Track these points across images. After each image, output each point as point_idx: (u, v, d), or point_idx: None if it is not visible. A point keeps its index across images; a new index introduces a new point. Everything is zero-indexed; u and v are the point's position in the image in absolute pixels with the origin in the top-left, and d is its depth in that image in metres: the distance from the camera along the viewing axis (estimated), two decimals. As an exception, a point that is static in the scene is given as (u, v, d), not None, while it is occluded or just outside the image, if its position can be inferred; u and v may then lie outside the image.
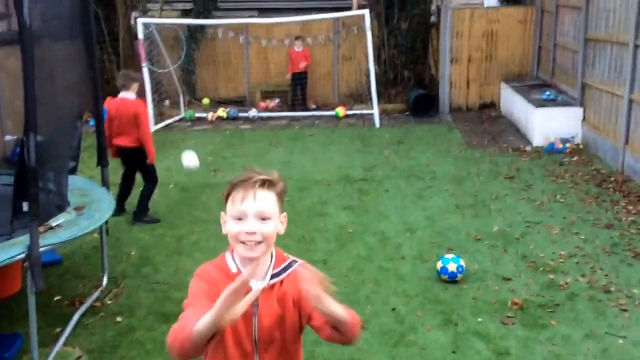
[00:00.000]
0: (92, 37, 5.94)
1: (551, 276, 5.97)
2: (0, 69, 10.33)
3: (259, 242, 2.26)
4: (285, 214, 2.39)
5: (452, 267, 5.87)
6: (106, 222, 5.60)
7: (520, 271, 6.11)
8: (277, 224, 2.34)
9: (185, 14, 15.93)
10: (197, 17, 14.85)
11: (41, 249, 4.47)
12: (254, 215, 2.25)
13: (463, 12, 14.30)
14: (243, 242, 2.26)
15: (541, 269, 6.14)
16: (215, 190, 8.79)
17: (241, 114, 14.16)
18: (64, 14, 5.53)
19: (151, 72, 13.34)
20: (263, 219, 2.27)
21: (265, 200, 2.28)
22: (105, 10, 14.15)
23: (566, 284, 5.80)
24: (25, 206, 4.43)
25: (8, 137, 10.26)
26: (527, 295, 5.61)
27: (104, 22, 14.11)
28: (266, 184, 2.28)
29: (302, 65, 14.41)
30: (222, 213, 2.32)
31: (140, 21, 13.22)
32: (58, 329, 5.13)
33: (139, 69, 13.15)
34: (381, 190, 8.75)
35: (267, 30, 15.01)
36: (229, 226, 2.27)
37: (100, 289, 5.83)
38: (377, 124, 12.99)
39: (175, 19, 15.10)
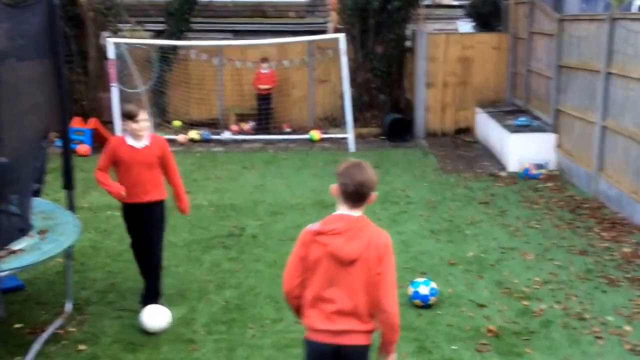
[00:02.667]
0: (61, 57, 5.80)
1: (526, 303, 5.91)
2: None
3: None
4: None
5: (423, 290, 5.80)
6: (71, 247, 5.42)
7: (494, 297, 6.05)
8: None
9: (158, 34, 15.84)
10: (170, 38, 14.74)
11: (2, 274, 4.32)
12: None
13: (438, 38, 14.41)
14: None
15: (516, 295, 6.08)
16: (186, 214, 8.64)
17: (214, 137, 14.04)
18: (31, 33, 5.40)
19: (120, 93, 13.18)
20: None
21: None
22: (74, 29, 13.97)
23: (541, 310, 5.75)
24: (-15, 230, 4.27)
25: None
26: (502, 322, 5.54)
27: (74, 41, 13.93)
28: None
29: (264, 86, 14.45)
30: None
31: (111, 41, 13.07)
32: (18, 358, 4.92)
33: (108, 89, 13.00)
34: (355, 214, 8.65)
35: (242, 52, 14.96)
36: None
37: (64, 316, 5.62)
38: (352, 148, 12.93)
39: (147, 39, 14.98)
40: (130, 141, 5.54)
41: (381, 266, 3.23)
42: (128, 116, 5.50)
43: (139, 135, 5.52)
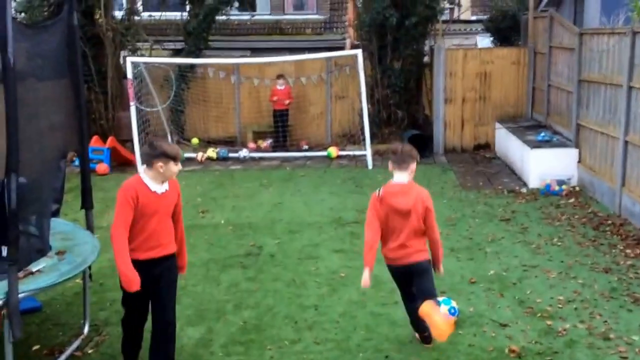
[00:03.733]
0: (79, 76, 5.83)
1: (549, 322, 5.79)
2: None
3: None
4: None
5: (443, 309, 5.68)
6: (89, 267, 5.40)
7: (517, 317, 5.93)
8: None
9: (176, 53, 15.94)
10: (188, 56, 14.82)
11: (20, 296, 4.29)
12: None
13: (456, 53, 14.37)
14: None
15: (539, 314, 5.96)
16: (204, 232, 8.62)
17: (232, 155, 14.05)
18: (50, 53, 5.43)
19: (139, 111, 13.24)
20: None
21: None
22: (93, 49, 14.13)
23: (564, 330, 5.62)
24: (4, 250, 4.25)
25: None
26: (525, 343, 5.43)
27: (92, 61, 14.08)
28: None
29: (276, 98, 14.48)
30: None
31: (130, 60, 13.16)
32: (35, 380, 4.90)
33: (126, 108, 13.06)
34: (374, 232, 8.57)
35: (259, 70, 15.01)
36: None
37: (82, 337, 5.58)
38: (370, 165, 12.87)
39: (165, 58, 15.08)
40: (153, 186, 4.58)
41: (427, 212, 5.04)
42: (172, 157, 4.55)
43: (171, 179, 4.69)
